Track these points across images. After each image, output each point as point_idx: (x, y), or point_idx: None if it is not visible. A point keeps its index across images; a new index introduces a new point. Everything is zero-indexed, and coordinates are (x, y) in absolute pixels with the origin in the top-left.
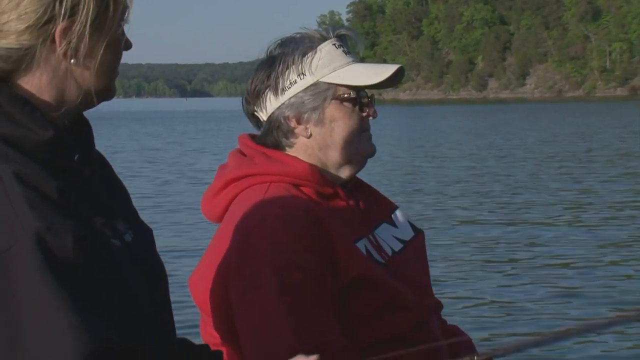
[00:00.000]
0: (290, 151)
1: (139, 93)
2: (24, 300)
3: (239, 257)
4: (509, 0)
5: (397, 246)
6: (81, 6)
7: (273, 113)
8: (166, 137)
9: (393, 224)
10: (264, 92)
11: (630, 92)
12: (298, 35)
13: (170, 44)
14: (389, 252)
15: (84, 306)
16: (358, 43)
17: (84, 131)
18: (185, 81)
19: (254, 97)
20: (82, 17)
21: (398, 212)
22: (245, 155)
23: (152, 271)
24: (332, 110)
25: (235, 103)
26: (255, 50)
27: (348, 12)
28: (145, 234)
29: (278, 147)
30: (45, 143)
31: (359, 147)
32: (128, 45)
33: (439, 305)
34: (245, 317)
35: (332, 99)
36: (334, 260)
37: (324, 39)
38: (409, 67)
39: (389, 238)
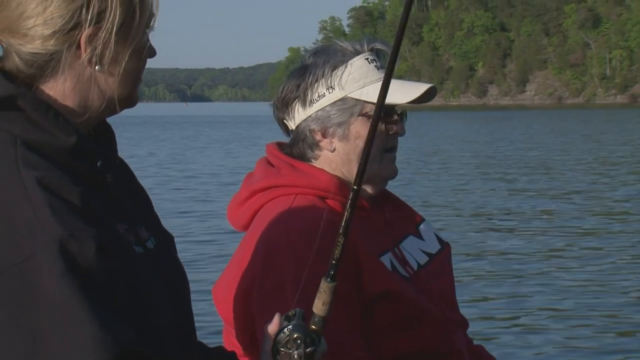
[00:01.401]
0: (315, 163)
1: (139, 98)
2: (46, 307)
3: (262, 270)
4: (510, 7)
5: (423, 259)
6: (107, 13)
7: (300, 124)
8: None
9: (420, 236)
10: (292, 102)
11: (630, 99)
12: (332, 47)
13: (171, 49)
14: (415, 266)
15: (106, 313)
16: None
17: (107, 137)
18: (186, 86)
19: (283, 106)
20: (108, 24)
21: (424, 225)
22: (272, 165)
23: (174, 278)
24: (358, 126)
25: (235, 108)
26: (255, 55)
27: (349, 18)
28: (167, 241)
29: (303, 158)
30: (68, 149)
31: (380, 168)
32: (152, 53)
33: (464, 322)
34: (257, 314)
35: (358, 115)
36: (358, 275)
37: (356, 52)
38: (410, 73)
39: (415, 251)
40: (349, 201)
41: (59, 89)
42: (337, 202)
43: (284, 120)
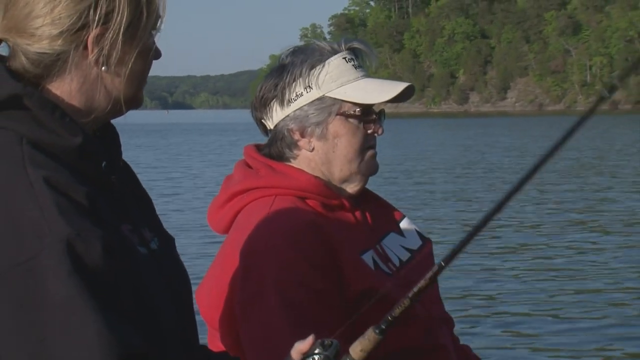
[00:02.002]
0: (294, 163)
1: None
2: (52, 306)
3: (244, 273)
4: (490, 14)
5: (405, 255)
6: (115, 14)
7: (278, 124)
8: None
9: (401, 233)
10: (270, 102)
11: (611, 106)
12: (310, 47)
13: None
14: (397, 262)
15: (112, 313)
16: (371, 57)
17: (112, 139)
18: (167, 93)
19: (260, 105)
20: (115, 25)
21: (405, 221)
22: (250, 167)
23: (177, 279)
24: (336, 126)
25: (216, 115)
26: (236, 63)
27: (330, 25)
28: (169, 243)
29: (282, 158)
30: (74, 149)
31: (360, 165)
32: (158, 55)
33: (449, 319)
34: (249, 333)
35: (336, 114)
36: (340, 275)
37: (334, 52)
38: (391, 80)
39: (397, 247)
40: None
41: (65, 88)
42: (317, 202)
43: (262, 120)
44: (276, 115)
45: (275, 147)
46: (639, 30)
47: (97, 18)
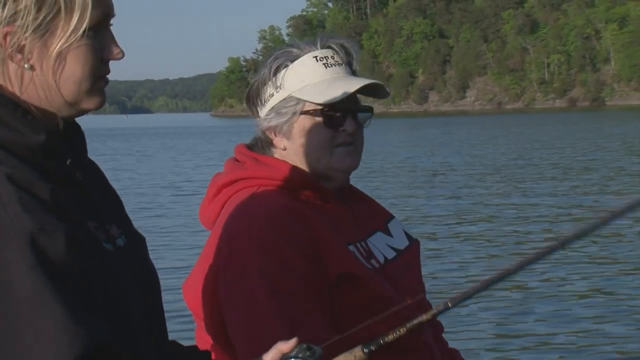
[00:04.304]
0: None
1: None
2: (16, 300)
3: (227, 257)
4: (448, 14)
5: (391, 254)
6: (22, 12)
7: (259, 123)
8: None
9: (388, 232)
10: (254, 102)
11: (569, 103)
12: (286, 47)
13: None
14: (381, 260)
15: (76, 307)
16: (350, 52)
17: (76, 137)
18: (126, 97)
19: (249, 104)
20: (24, 22)
21: (393, 222)
22: (238, 162)
23: (145, 276)
24: (300, 125)
25: (175, 119)
26: (194, 66)
27: (288, 27)
28: (137, 241)
29: (265, 155)
30: (37, 147)
31: (330, 162)
32: (109, 54)
33: (437, 322)
34: (232, 313)
35: (300, 113)
36: (319, 257)
37: (303, 52)
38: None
39: (383, 246)
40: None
41: (15, 87)
42: (300, 192)
43: (255, 117)
44: (258, 114)
45: (258, 145)
46: (596, 28)
47: (3, 16)
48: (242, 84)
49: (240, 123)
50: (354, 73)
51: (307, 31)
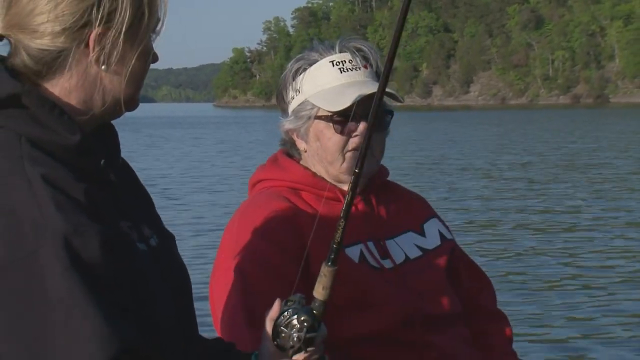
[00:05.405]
0: (301, 161)
1: None
2: (50, 301)
3: (216, 252)
4: (453, 8)
5: (415, 254)
6: (117, 14)
7: (282, 124)
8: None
9: (422, 233)
10: (281, 102)
11: (573, 100)
12: (307, 51)
13: None
14: (400, 259)
15: (109, 308)
16: (369, 56)
17: (110, 137)
18: None
19: (278, 102)
20: (117, 25)
21: (432, 222)
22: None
23: (177, 276)
24: (315, 128)
25: (179, 108)
26: (198, 56)
27: (293, 19)
28: (168, 240)
29: (292, 157)
30: (72, 147)
31: (342, 167)
32: (155, 58)
33: (455, 319)
34: (213, 298)
35: (315, 118)
36: (302, 256)
37: (322, 56)
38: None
39: (409, 246)
40: (351, 184)
41: (64, 86)
42: (310, 194)
43: (283, 116)
44: (288, 114)
45: (285, 146)
46: (601, 24)
47: (99, 17)
48: (246, 74)
49: (244, 114)
50: (376, 74)
51: (312, 23)
